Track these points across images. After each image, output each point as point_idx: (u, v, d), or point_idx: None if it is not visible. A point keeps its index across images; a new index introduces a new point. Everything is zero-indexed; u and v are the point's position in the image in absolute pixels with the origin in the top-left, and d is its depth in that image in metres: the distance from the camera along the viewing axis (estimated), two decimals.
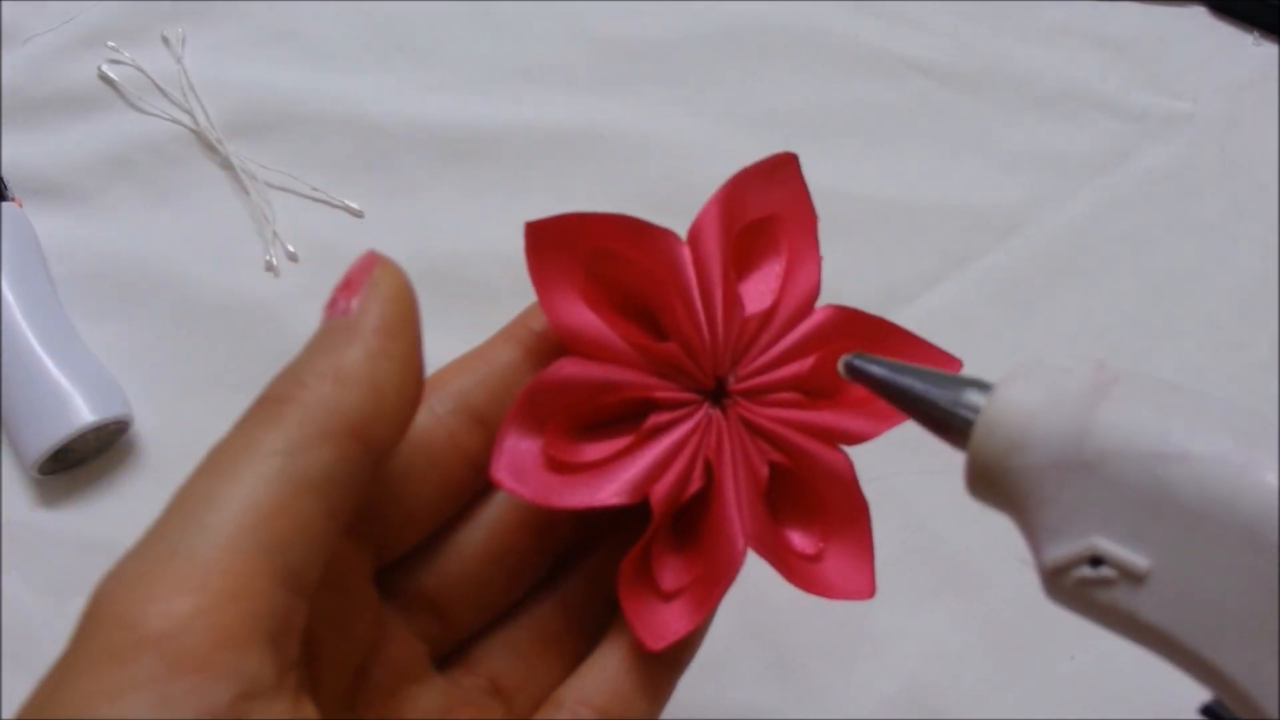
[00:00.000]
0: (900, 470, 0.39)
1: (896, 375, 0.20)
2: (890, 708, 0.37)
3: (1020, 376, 0.18)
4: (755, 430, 0.24)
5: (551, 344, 0.24)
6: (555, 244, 0.23)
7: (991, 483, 0.18)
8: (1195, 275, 0.44)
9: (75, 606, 0.36)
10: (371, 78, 0.47)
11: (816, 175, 0.45)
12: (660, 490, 0.23)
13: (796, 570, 0.24)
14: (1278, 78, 0.48)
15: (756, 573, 0.24)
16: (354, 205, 0.44)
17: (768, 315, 0.24)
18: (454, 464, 0.22)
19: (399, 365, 0.19)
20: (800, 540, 0.24)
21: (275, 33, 0.48)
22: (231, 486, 0.17)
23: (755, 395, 0.24)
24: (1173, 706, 0.37)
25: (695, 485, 0.23)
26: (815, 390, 0.24)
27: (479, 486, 0.23)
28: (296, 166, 0.45)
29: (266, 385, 0.19)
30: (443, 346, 0.42)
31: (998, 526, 0.42)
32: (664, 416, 0.23)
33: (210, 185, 0.44)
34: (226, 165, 0.45)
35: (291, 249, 0.43)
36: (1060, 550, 0.17)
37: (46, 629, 0.36)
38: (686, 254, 0.24)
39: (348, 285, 0.20)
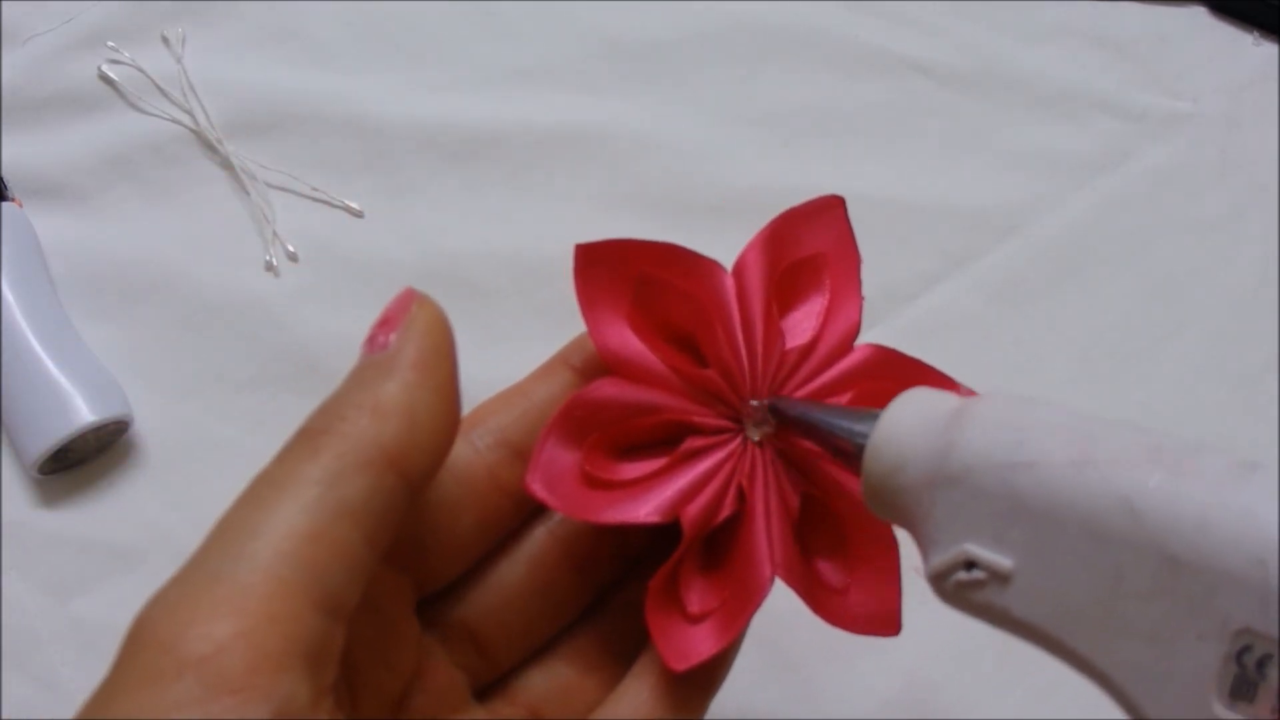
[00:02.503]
0: None
1: (806, 411, 0.22)
2: (890, 708, 0.37)
3: (901, 404, 0.20)
4: (790, 460, 0.24)
5: (591, 379, 0.24)
6: (603, 266, 0.24)
7: (882, 501, 0.20)
8: (1195, 275, 0.44)
9: (75, 606, 0.36)
10: (371, 78, 0.47)
11: (816, 175, 0.46)
12: (692, 512, 0.23)
13: (823, 602, 0.24)
14: (1278, 78, 0.48)
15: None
16: (354, 205, 0.44)
17: (807, 350, 0.25)
18: (493, 497, 0.23)
19: (435, 397, 0.20)
20: (829, 572, 0.25)
21: (275, 33, 0.48)
22: (271, 515, 0.18)
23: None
24: None
25: (727, 510, 0.23)
26: None
27: (519, 520, 0.24)
28: (296, 166, 0.45)
29: (306, 418, 0.19)
30: None
31: None
32: (700, 441, 0.24)
33: (210, 185, 0.44)
34: (226, 165, 0.45)
35: (291, 249, 0.43)
36: (939, 557, 0.19)
37: (46, 629, 0.36)
38: (730, 284, 0.24)
39: (386, 322, 0.20)
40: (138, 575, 0.37)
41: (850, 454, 0.21)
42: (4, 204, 0.41)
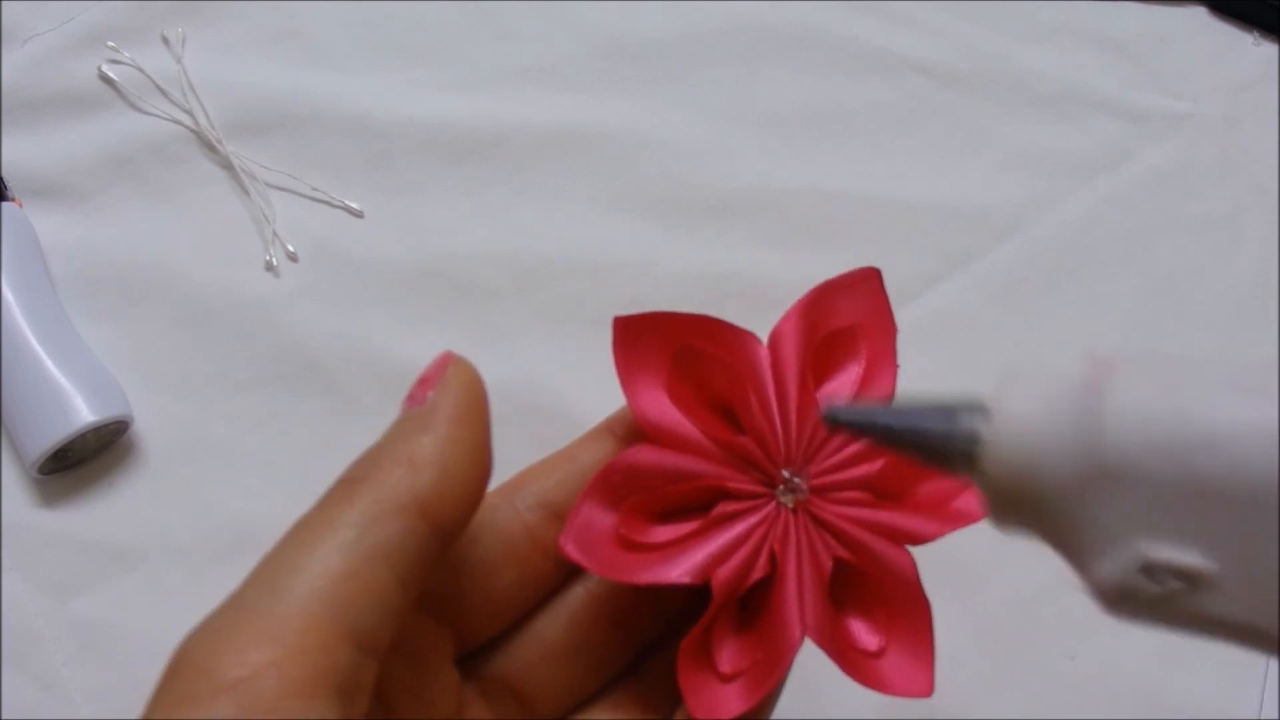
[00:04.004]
0: None
1: (876, 417, 0.18)
2: (890, 708, 0.37)
3: (1012, 391, 0.17)
4: (822, 525, 0.25)
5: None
6: (641, 338, 0.25)
7: (1013, 512, 0.17)
8: (1195, 275, 0.44)
9: (75, 606, 0.36)
10: (371, 78, 0.47)
11: (816, 175, 0.46)
12: (723, 574, 0.24)
13: (855, 664, 0.24)
14: (1278, 78, 0.48)
15: None
16: (354, 205, 0.44)
17: None
18: (534, 557, 0.24)
19: (467, 449, 0.21)
20: (863, 634, 0.25)
21: (275, 33, 0.48)
22: (308, 554, 0.19)
23: (824, 492, 0.25)
24: (1173, 706, 0.37)
25: (759, 573, 0.24)
26: (884, 492, 0.25)
27: (559, 580, 0.25)
28: (296, 166, 0.45)
29: (346, 468, 0.21)
30: (442, 345, 0.42)
31: None
32: (734, 506, 0.24)
33: (210, 185, 0.44)
34: (226, 165, 0.45)
35: (291, 249, 0.43)
36: (1107, 568, 0.16)
37: (47, 629, 0.36)
38: (765, 354, 0.25)
39: (424, 381, 0.22)
40: (138, 575, 0.37)
41: (947, 460, 0.17)
42: (4, 204, 0.41)
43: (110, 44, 0.47)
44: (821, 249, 0.44)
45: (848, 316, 0.26)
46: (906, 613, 0.25)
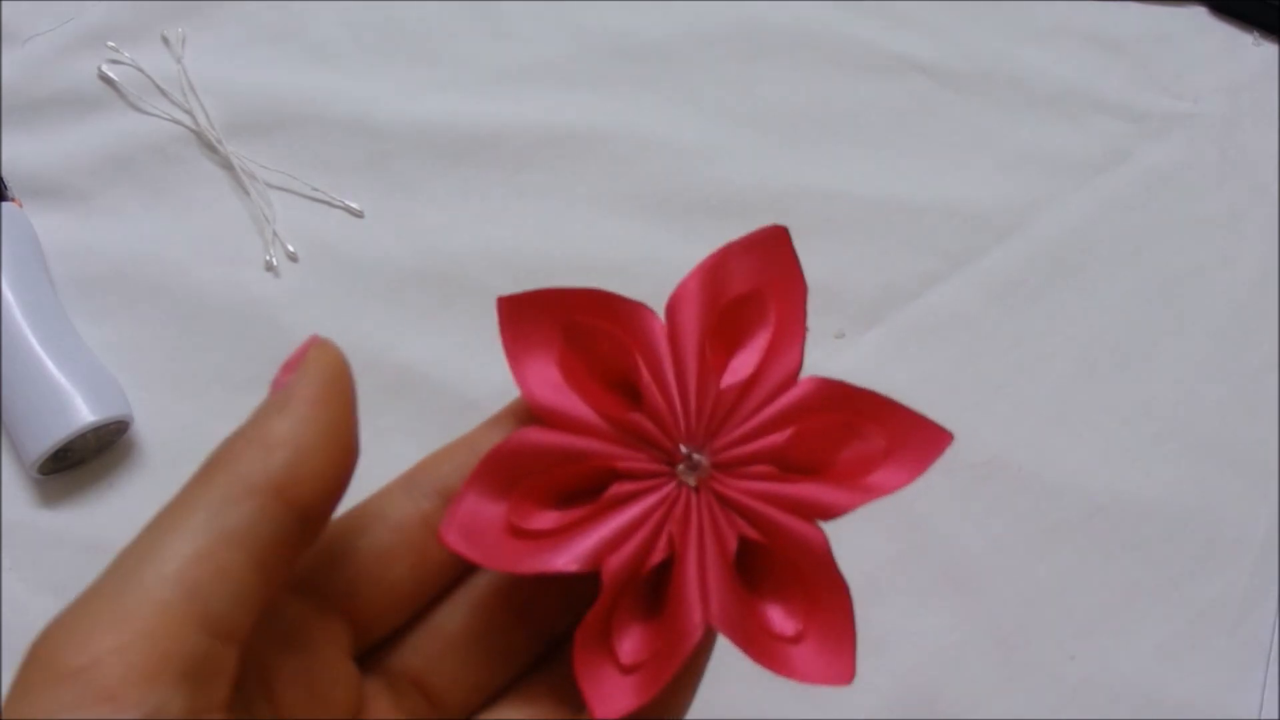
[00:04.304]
0: None
1: None
2: (890, 708, 0.37)
3: None
4: (727, 503, 0.23)
5: None
6: (529, 317, 0.24)
7: None
8: (1195, 275, 0.44)
9: None
10: (371, 78, 0.47)
11: (817, 175, 0.46)
12: (615, 561, 0.22)
13: (769, 651, 0.23)
14: (1278, 78, 0.48)
15: None
16: (354, 205, 0.44)
17: (746, 387, 0.24)
18: (430, 546, 0.23)
19: (324, 430, 0.21)
20: (779, 619, 0.24)
21: (276, 33, 0.48)
22: (160, 539, 0.19)
23: (729, 468, 0.23)
24: (1172, 707, 0.37)
25: (658, 557, 0.23)
26: (796, 465, 0.24)
27: (461, 570, 0.24)
28: (296, 166, 0.45)
29: (207, 454, 0.21)
30: (442, 345, 0.42)
31: (998, 526, 0.42)
32: (628, 486, 0.23)
33: (210, 185, 0.45)
34: (226, 165, 0.45)
35: (291, 249, 0.43)
36: None
37: None
38: (658, 325, 0.24)
39: (288, 366, 0.22)
40: None
41: None
42: (4, 204, 0.41)
43: (110, 44, 0.47)
44: (821, 249, 0.44)
45: (753, 279, 0.24)
46: (824, 595, 0.23)
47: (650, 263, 0.43)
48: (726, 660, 0.38)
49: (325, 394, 0.21)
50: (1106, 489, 0.40)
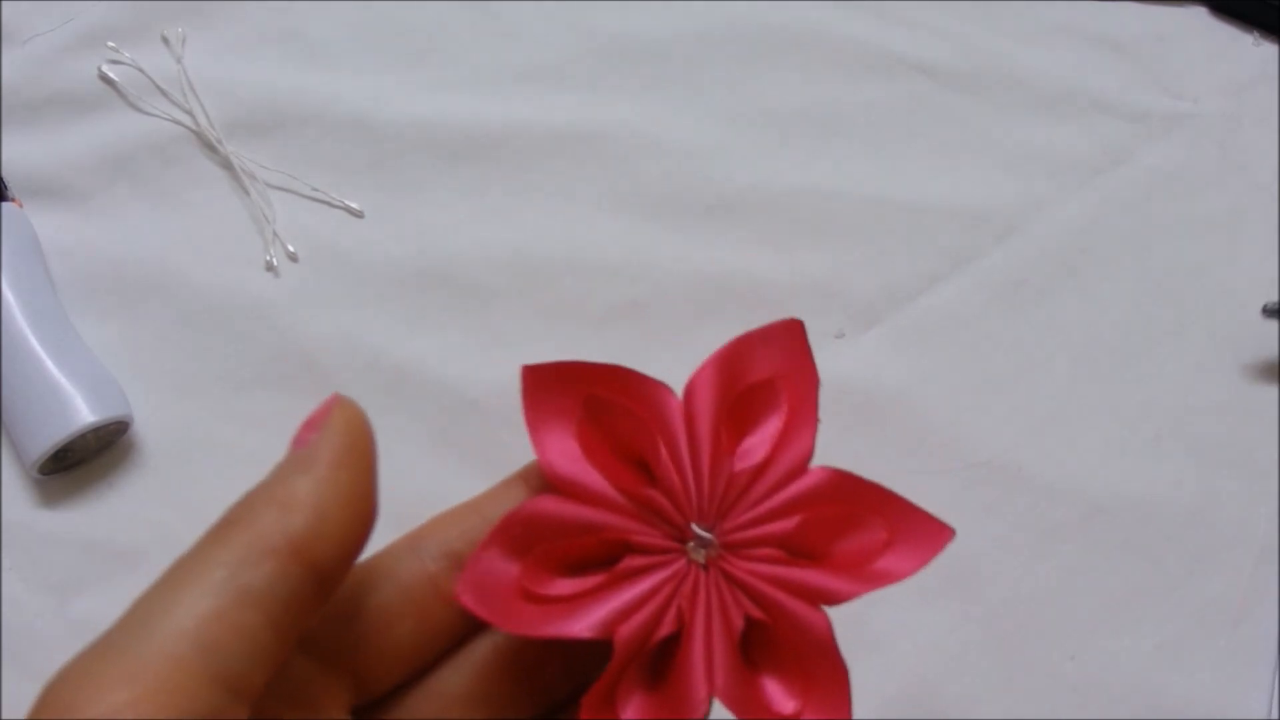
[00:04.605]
0: (900, 470, 0.39)
1: None
2: (890, 708, 0.37)
3: None
4: (734, 583, 0.24)
5: None
6: (551, 387, 0.24)
7: None
8: (1195, 275, 0.44)
9: (75, 607, 0.36)
10: (372, 78, 0.47)
11: (816, 175, 0.46)
12: (626, 630, 0.23)
13: None
14: (1278, 78, 0.48)
15: None
16: (354, 205, 0.44)
17: (758, 471, 0.25)
18: (435, 607, 0.24)
19: (345, 492, 0.21)
20: (779, 696, 0.24)
21: (275, 33, 0.48)
22: (177, 595, 0.19)
23: (737, 549, 0.24)
24: (1173, 707, 0.37)
25: (666, 629, 0.23)
26: (801, 550, 0.24)
27: (464, 632, 0.24)
28: (296, 166, 0.45)
29: (226, 509, 0.21)
30: (442, 345, 0.42)
31: (998, 526, 0.42)
32: (640, 560, 0.24)
33: (210, 185, 0.45)
34: (226, 165, 0.45)
35: (291, 249, 0.43)
36: None
37: (46, 629, 0.36)
38: (675, 404, 0.25)
39: (310, 424, 0.22)
40: (138, 575, 0.37)
41: None
42: (4, 204, 0.41)
43: (110, 44, 0.47)
44: (821, 249, 0.44)
45: (768, 368, 0.25)
46: (823, 675, 0.24)
47: (650, 263, 0.43)
48: None
49: (347, 455, 0.21)
50: (1106, 489, 0.40)
